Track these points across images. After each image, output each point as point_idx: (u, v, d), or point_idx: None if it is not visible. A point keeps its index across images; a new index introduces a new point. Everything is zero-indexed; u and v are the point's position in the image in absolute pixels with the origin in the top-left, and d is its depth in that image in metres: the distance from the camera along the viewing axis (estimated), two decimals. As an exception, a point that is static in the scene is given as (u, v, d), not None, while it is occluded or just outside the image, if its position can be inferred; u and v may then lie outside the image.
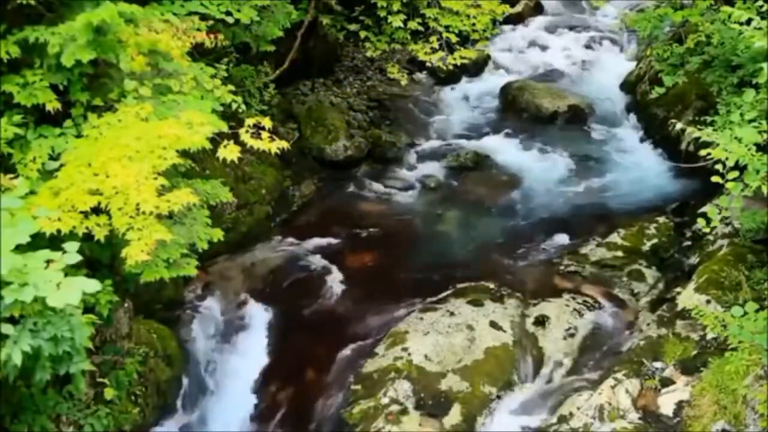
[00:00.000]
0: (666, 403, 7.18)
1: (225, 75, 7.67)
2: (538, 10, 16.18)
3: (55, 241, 4.80)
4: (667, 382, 7.40)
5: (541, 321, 8.54)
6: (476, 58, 12.35)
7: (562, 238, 10.02)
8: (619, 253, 9.59)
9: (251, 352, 8.41)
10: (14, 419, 5.87)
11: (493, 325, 8.35)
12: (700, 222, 6.53)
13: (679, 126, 7.11)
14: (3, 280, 4.23)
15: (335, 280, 9.37)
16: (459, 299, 8.76)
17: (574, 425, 7.14)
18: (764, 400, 6.15)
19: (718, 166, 6.22)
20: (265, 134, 6.00)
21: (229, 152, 5.86)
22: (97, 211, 5.34)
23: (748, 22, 6.24)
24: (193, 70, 6.50)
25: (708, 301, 7.93)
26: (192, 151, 5.82)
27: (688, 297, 8.11)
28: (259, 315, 8.83)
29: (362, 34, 10.95)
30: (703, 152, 6.44)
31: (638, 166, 11.55)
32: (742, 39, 6.88)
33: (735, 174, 6.16)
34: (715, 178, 6.21)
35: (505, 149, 12.05)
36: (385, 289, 9.20)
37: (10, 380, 4.80)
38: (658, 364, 7.65)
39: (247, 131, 5.98)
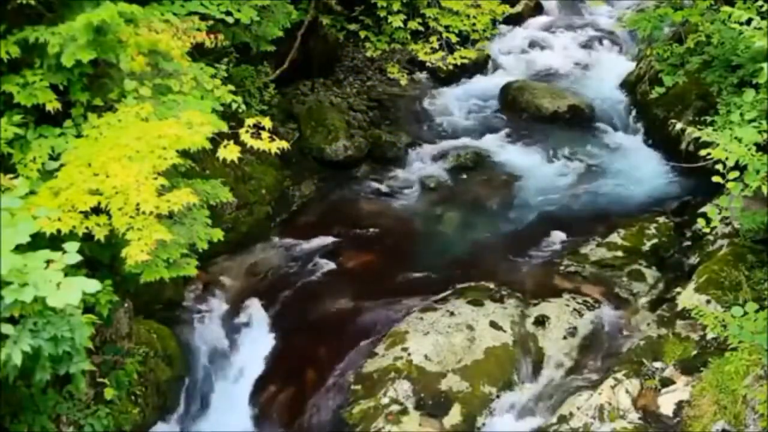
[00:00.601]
0: (666, 403, 7.18)
1: (225, 75, 7.65)
2: (538, 10, 16.18)
3: (55, 241, 4.79)
4: (667, 382, 7.40)
5: (541, 321, 8.54)
6: (476, 58, 12.31)
7: (562, 238, 10.01)
8: (619, 253, 9.59)
9: (251, 352, 8.41)
10: (14, 419, 5.87)
11: (493, 325, 8.35)
12: (700, 222, 6.53)
13: (679, 126, 7.11)
14: (3, 280, 4.22)
15: (335, 280, 9.37)
16: (459, 299, 8.76)
17: (574, 425, 7.14)
18: (764, 400, 6.15)
19: (718, 166, 6.21)
20: (265, 134, 5.99)
21: (229, 152, 5.85)
22: (97, 211, 5.33)
23: (748, 22, 6.23)
24: (193, 70, 6.49)
25: (708, 301, 7.93)
26: (192, 151, 5.81)
27: (688, 297, 8.11)
28: (258, 315, 8.82)
29: (362, 34, 10.94)
30: (703, 152, 6.44)
31: (638, 166, 11.55)
32: (742, 39, 6.88)
33: (735, 174, 6.16)
34: (715, 178, 6.21)
35: (505, 149, 12.05)
36: (385, 289, 9.20)
37: (10, 380, 4.79)
38: (658, 364, 7.65)
39: (247, 131, 5.97)
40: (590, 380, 7.81)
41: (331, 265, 9.56)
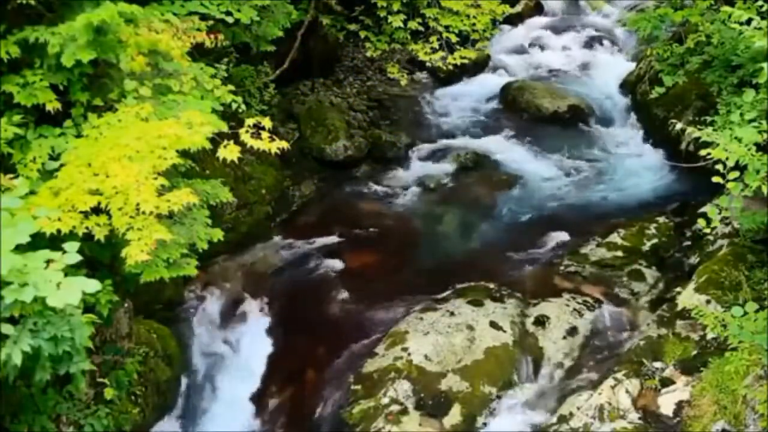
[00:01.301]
0: (666, 403, 7.18)
1: (225, 75, 7.66)
2: (538, 10, 16.21)
3: (55, 241, 4.78)
4: (667, 382, 7.39)
5: (541, 321, 8.54)
6: (476, 58, 12.31)
7: (562, 238, 10.01)
8: (619, 253, 9.59)
9: (251, 352, 8.41)
10: (14, 419, 5.87)
11: (493, 325, 8.35)
12: (700, 222, 6.52)
13: (679, 126, 7.11)
14: (3, 280, 4.22)
15: (335, 280, 9.38)
16: (459, 299, 8.76)
17: (574, 425, 7.13)
18: (764, 400, 6.15)
19: (719, 166, 6.21)
20: (265, 134, 5.98)
21: (229, 152, 5.85)
22: (97, 211, 5.33)
23: (748, 22, 6.24)
24: (193, 70, 6.48)
25: (708, 301, 7.93)
26: (192, 151, 5.81)
27: (688, 297, 8.10)
28: (258, 315, 8.83)
29: (362, 34, 10.95)
30: (703, 152, 6.43)
31: (638, 166, 11.56)
32: (742, 39, 6.89)
33: (735, 174, 6.16)
34: (715, 178, 6.21)
35: (505, 149, 12.05)
36: (385, 289, 9.20)
37: (10, 380, 4.79)
38: (658, 364, 7.65)
39: (247, 131, 5.97)
40: (590, 380, 7.81)
41: (331, 265, 9.56)
